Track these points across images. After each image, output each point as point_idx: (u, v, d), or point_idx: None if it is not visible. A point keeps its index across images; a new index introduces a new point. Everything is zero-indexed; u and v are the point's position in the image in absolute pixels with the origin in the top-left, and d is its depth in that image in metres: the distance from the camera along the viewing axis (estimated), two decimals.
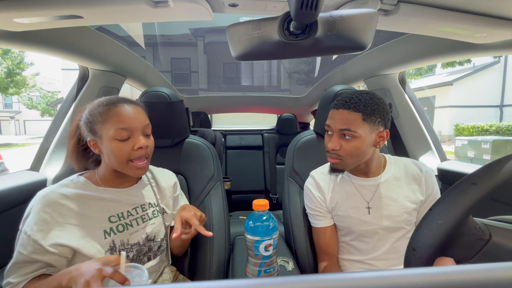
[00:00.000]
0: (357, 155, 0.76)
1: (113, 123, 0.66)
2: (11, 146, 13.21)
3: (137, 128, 0.68)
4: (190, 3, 0.63)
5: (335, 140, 0.77)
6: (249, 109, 2.55)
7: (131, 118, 0.67)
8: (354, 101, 0.74)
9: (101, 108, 0.67)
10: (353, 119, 0.73)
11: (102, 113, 0.66)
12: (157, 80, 1.66)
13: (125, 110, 0.68)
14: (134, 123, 0.68)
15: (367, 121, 0.73)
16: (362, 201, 0.83)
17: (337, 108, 0.77)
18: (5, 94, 10.58)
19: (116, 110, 0.67)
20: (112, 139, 0.66)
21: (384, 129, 0.77)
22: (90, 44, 1.01)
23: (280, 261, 0.86)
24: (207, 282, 0.22)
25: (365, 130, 0.74)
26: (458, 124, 10.41)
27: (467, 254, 0.40)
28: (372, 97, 0.75)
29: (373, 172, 0.84)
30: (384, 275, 0.22)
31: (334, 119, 0.77)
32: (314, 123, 1.18)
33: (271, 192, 2.31)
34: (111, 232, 0.68)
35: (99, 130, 0.66)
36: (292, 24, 0.50)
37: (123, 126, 0.66)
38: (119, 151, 0.66)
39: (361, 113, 0.73)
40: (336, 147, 0.76)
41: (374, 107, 0.74)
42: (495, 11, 0.68)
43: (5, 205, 0.87)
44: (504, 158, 0.40)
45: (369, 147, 0.76)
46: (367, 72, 1.46)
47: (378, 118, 0.74)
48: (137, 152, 0.68)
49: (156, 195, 0.81)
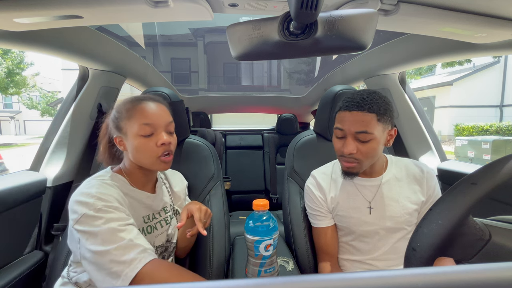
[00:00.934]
0: (373, 156, 0.75)
1: (137, 119, 0.67)
2: (11, 146, 13.21)
3: (160, 125, 0.69)
4: (190, 3, 0.63)
5: (351, 144, 0.74)
6: (249, 109, 2.55)
7: (154, 114, 0.69)
8: (368, 102, 0.72)
9: (127, 105, 0.69)
10: (369, 120, 0.71)
11: (128, 110, 0.68)
12: (157, 80, 1.66)
13: (149, 106, 0.69)
14: (158, 119, 0.69)
15: (381, 121, 0.72)
16: (363, 201, 0.82)
17: (349, 110, 0.74)
18: (5, 94, 10.58)
19: (141, 106, 0.68)
20: (136, 135, 0.66)
21: (392, 127, 0.77)
22: (90, 44, 1.01)
23: (280, 261, 0.86)
24: (207, 282, 0.22)
25: (379, 130, 0.72)
26: (458, 124, 10.40)
27: (467, 254, 0.40)
28: (381, 96, 0.74)
29: (375, 172, 0.83)
30: (384, 275, 0.22)
31: (348, 122, 0.74)
32: (314, 123, 1.18)
33: (271, 192, 2.31)
34: (143, 233, 0.69)
35: (124, 126, 0.68)
36: (292, 24, 0.50)
37: (147, 122, 0.67)
38: (143, 147, 0.67)
39: (375, 113, 0.71)
40: (353, 151, 0.74)
41: (386, 107, 0.73)
42: (495, 11, 0.67)
43: (5, 205, 0.87)
44: (504, 158, 0.40)
45: (382, 147, 0.76)
46: (367, 72, 1.46)
47: (389, 117, 0.74)
48: (160, 148, 0.68)
49: (171, 197, 0.83)
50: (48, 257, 1.01)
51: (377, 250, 0.81)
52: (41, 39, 0.84)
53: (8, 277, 0.85)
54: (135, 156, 0.68)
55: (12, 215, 0.91)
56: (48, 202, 1.05)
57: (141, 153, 0.67)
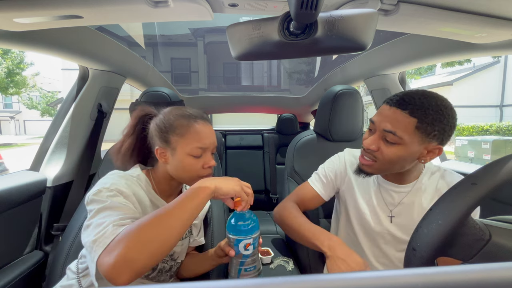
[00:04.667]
0: (394, 163, 0.67)
1: (192, 140, 0.66)
2: (11, 146, 13.20)
3: (210, 148, 0.69)
4: (190, 3, 0.63)
5: (375, 139, 0.67)
6: (249, 109, 2.55)
7: (209, 138, 0.68)
8: (415, 104, 0.62)
9: (181, 121, 0.67)
10: (404, 123, 0.62)
11: (181, 127, 0.66)
12: (157, 80, 1.66)
13: (205, 129, 0.68)
14: (210, 143, 0.69)
15: (420, 131, 0.62)
16: (384, 208, 0.77)
17: (390, 105, 0.66)
18: (5, 94, 10.58)
19: (197, 127, 0.67)
20: (186, 154, 0.66)
21: (438, 145, 0.64)
22: (90, 44, 1.01)
23: (280, 261, 0.86)
24: (207, 282, 0.22)
25: (413, 139, 0.63)
26: (458, 124, 10.35)
27: (467, 254, 0.40)
28: (440, 105, 0.62)
29: (405, 180, 0.75)
30: (384, 275, 0.22)
31: (382, 116, 0.67)
32: (314, 123, 1.18)
33: (271, 192, 2.31)
34: None
35: (174, 142, 0.66)
36: (292, 24, 0.50)
37: (202, 146, 0.66)
38: (191, 167, 0.66)
39: (417, 119, 0.61)
40: (372, 146, 0.67)
41: (436, 117, 0.61)
42: (495, 11, 0.67)
43: (5, 205, 0.87)
44: (504, 158, 0.40)
45: (411, 159, 0.66)
46: (367, 72, 1.46)
47: (435, 131, 0.62)
48: (206, 170, 0.68)
49: None
50: (48, 257, 1.01)
51: (377, 251, 0.80)
52: (41, 39, 0.84)
53: (8, 277, 0.85)
54: (178, 172, 0.68)
55: (12, 215, 0.91)
56: (48, 202, 1.05)
57: (186, 172, 0.67)
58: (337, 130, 1.10)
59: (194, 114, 0.69)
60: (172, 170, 0.69)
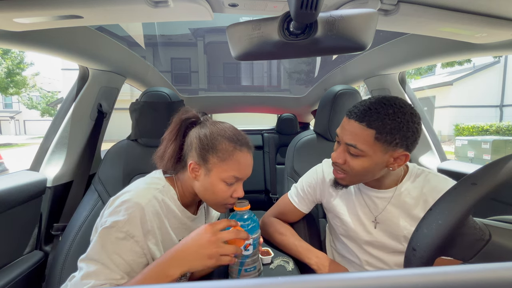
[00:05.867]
0: (363, 174, 0.68)
1: (232, 168, 0.63)
2: (11, 146, 13.20)
3: (244, 179, 0.67)
4: (190, 3, 0.63)
5: (340, 153, 0.69)
6: (249, 109, 2.55)
7: (247, 170, 0.66)
8: (370, 114, 0.62)
9: (226, 145, 0.64)
10: (363, 136, 0.63)
11: (225, 151, 0.63)
12: (157, 80, 1.66)
13: (246, 160, 0.66)
14: (247, 174, 0.67)
15: (381, 141, 0.62)
16: (369, 214, 0.77)
17: (349, 117, 0.66)
18: (5, 94, 10.58)
19: (240, 156, 0.64)
20: (220, 180, 0.63)
21: (404, 151, 0.64)
22: (90, 44, 1.01)
23: (280, 261, 0.86)
24: (207, 282, 0.23)
25: (375, 150, 0.63)
26: (458, 124, 10.41)
27: (467, 254, 0.40)
28: (397, 112, 0.61)
29: (385, 184, 0.75)
30: (384, 275, 0.22)
31: (343, 129, 0.68)
32: (314, 123, 1.18)
33: (271, 192, 2.31)
34: None
35: (212, 164, 0.63)
36: (292, 24, 0.50)
37: (239, 176, 0.64)
38: (221, 194, 0.64)
39: (375, 130, 0.61)
40: (338, 160, 0.68)
41: (395, 126, 0.60)
42: (495, 11, 0.67)
43: (5, 205, 0.87)
44: (504, 158, 0.40)
45: (379, 168, 0.67)
46: (367, 72, 1.46)
47: (396, 140, 0.61)
48: (233, 199, 0.67)
49: (205, 220, 0.81)
50: (48, 257, 1.01)
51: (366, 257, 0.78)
52: (41, 39, 0.84)
53: (8, 277, 0.85)
54: (206, 193, 0.66)
55: (12, 215, 0.91)
56: (48, 202, 1.05)
57: (214, 196, 0.65)
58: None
59: (241, 140, 0.66)
60: (199, 188, 0.66)
